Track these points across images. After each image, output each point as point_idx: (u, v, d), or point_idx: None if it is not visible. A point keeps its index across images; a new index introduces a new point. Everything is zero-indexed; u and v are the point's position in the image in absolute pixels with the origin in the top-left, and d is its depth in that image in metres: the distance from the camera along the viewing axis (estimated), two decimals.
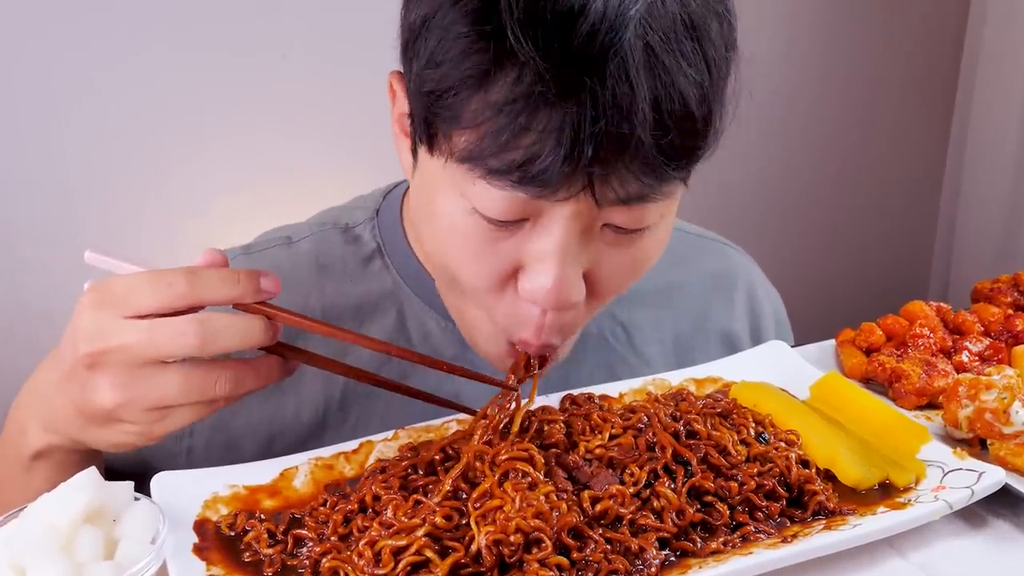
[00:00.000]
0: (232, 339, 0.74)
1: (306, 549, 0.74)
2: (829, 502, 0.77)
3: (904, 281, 3.07)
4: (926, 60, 2.87)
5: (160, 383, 0.73)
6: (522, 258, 0.81)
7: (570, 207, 0.77)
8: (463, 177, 0.77)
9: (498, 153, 0.73)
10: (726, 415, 0.87)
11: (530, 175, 0.73)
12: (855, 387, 0.95)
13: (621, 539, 0.71)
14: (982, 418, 0.84)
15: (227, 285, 0.75)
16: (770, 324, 1.22)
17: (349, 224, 1.08)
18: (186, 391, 0.74)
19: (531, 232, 0.79)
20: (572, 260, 0.79)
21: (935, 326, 1.02)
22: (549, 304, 0.80)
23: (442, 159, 0.78)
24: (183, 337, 0.72)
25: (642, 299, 1.12)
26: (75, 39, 1.89)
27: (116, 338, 0.72)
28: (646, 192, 0.77)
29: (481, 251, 0.81)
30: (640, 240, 0.83)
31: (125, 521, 0.68)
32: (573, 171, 0.73)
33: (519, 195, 0.75)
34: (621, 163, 0.74)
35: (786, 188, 2.83)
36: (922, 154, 2.99)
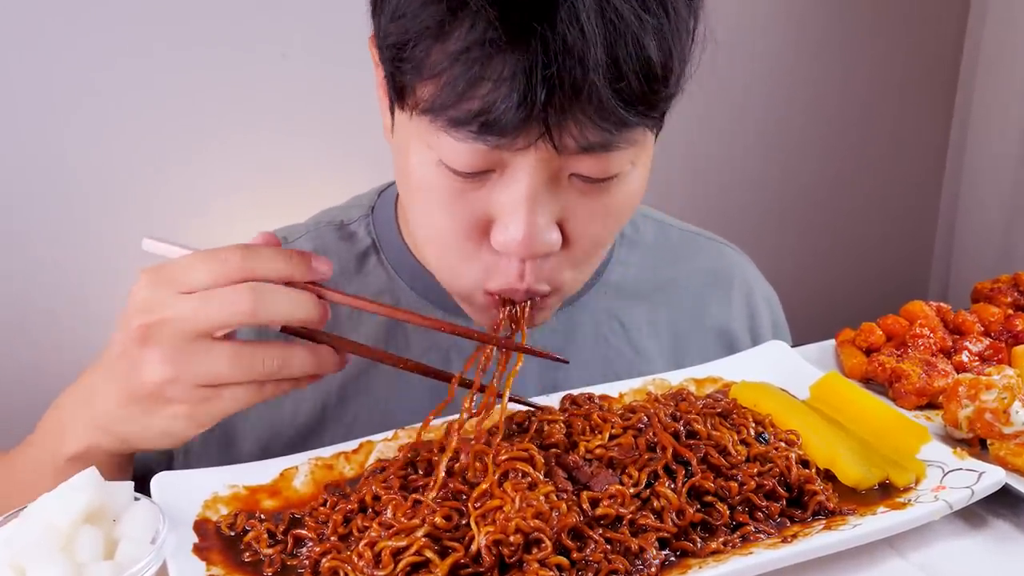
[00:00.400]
0: (284, 307, 0.75)
1: (306, 549, 0.74)
2: (829, 502, 0.77)
3: (904, 281, 3.08)
4: (926, 60, 2.87)
5: (210, 357, 0.74)
6: (492, 210, 0.82)
7: (532, 156, 0.78)
8: (428, 130, 0.79)
9: (456, 103, 0.75)
10: (726, 415, 0.87)
11: (487, 124, 0.75)
12: (855, 387, 0.95)
13: (621, 539, 0.71)
14: (982, 418, 0.84)
15: (280, 261, 0.76)
16: (766, 322, 1.23)
17: (344, 221, 1.10)
18: (235, 365, 0.74)
19: (498, 183, 0.81)
20: (542, 208, 0.81)
21: (935, 326, 1.02)
22: (523, 252, 0.82)
23: (409, 114, 0.81)
24: (235, 304, 0.73)
25: (639, 296, 1.13)
26: (74, 38, 1.90)
27: (170, 309, 0.74)
28: (608, 140, 0.78)
29: (452, 204, 0.83)
30: (611, 189, 0.84)
31: (125, 521, 0.68)
32: (528, 118, 0.74)
33: (480, 146, 0.77)
34: (578, 109, 0.75)
35: (786, 189, 2.83)
36: (922, 154, 2.99)
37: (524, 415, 0.88)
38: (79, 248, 1.99)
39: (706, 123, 2.49)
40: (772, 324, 1.23)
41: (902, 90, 2.87)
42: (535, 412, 0.88)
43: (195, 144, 2.06)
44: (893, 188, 2.98)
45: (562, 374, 1.06)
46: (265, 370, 0.76)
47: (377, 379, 1.03)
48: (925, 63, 2.87)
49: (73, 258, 1.99)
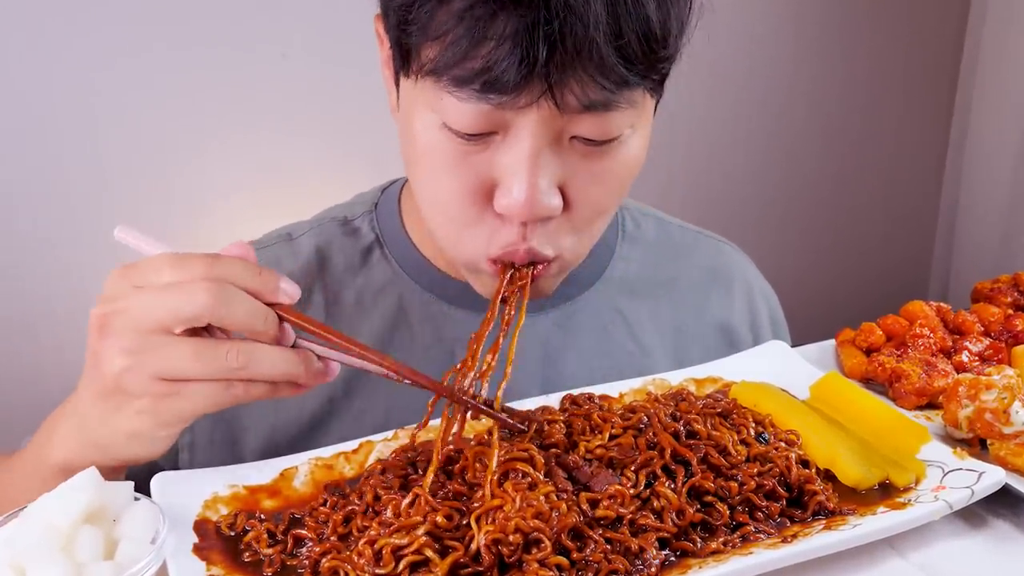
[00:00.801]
0: (243, 312, 0.73)
1: (306, 549, 0.74)
2: (829, 502, 0.77)
3: (904, 281, 3.08)
4: (926, 60, 2.87)
5: (168, 350, 0.72)
6: (495, 173, 0.84)
7: (534, 115, 0.80)
8: (432, 92, 0.81)
9: (459, 62, 0.77)
10: (726, 415, 0.87)
11: (490, 82, 0.77)
12: (855, 387, 0.95)
13: (621, 539, 0.71)
14: (982, 418, 0.84)
15: (248, 275, 0.74)
16: (766, 320, 1.23)
17: (348, 217, 1.10)
18: (195, 358, 0.72)
19: (501, 145, 0.82)
20: (544, 171, 0.82)
21: (935, 326, 1.02)
22: (525, 214, 0.83)
23: (414, 79, 0.83)
24: (192, 297, 0.71)
25: (641, 291, 1.14)
26: (74, 38, 1.90)
27: (127, 300, 0.72)
28: (608, 98, 0.80)
29: (455, 168, 0.84)
30: (612, 152, 0.85)
31: (125, 521, 0.68)
32: (530, 75, 0.76)
33: (483, 106, 0.79)
34: (579, 66, 0.77)
35: (786, 188, 2.83)
36: (922, 154, 2.99)
37: (524, 415, 0.88)
38: (78, 248, 1.99)
39: (706, 122, 2.50)
40: (771, 322, 1.24)
41: (902, 89, 2.87)
42: (536, 412, 0.87)
43: (195, 144, 2.06)
44: (893, 187, 2.98)
45: (564, 370, 1.06)
46: (229, 365, 0.72)
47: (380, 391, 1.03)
48: (925, 61, 2.87)
49: (73, 258, 1.99)
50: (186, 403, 0.74)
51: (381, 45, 0.93)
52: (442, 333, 1.05)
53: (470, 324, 1.02)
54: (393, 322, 1.05)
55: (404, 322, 1.05)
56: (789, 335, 1.28)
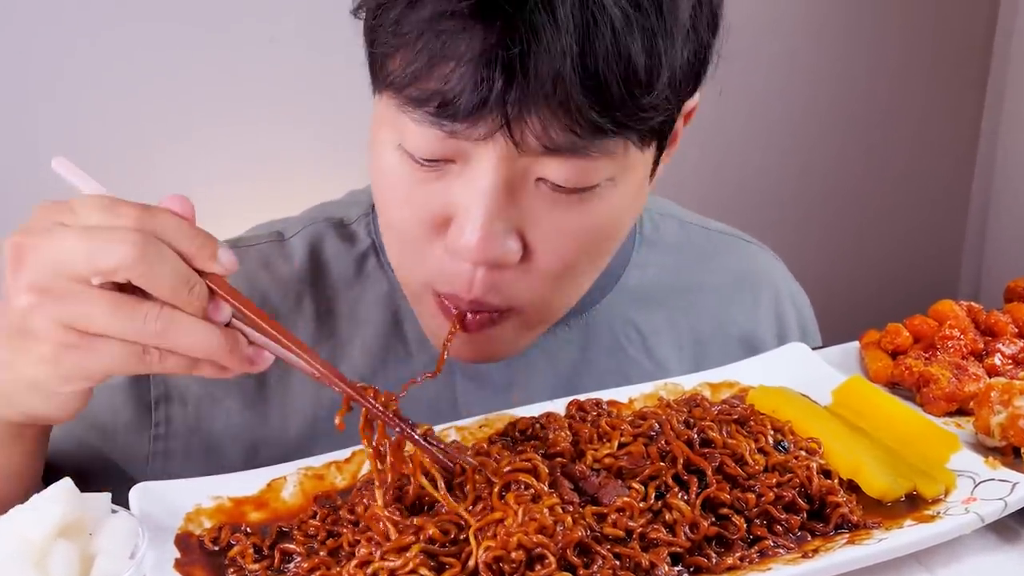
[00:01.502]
0: (169, 273, 0.68)
1: (293, 565, 0.74)
2: (853, 515, 0.77)
3: (932, 279, 3.07)
4: (956, 47, 2.86)
5: (81, 298, 0.67)
6: (450, 207, 0.82)
7: (493, 150, 0.77)
8: (393, 111, 0.79)
9: (416, 81, 0.76)
10: (743, 422, 0.86)
11: (444, 105, 0.75)
12: (880, 392, 0.95)
13: (631, 554, 0.71)
14: (1016, 425, 0.84)
15: (182, 234, 0.69)
16: (794, 327, 1.22)
17: (344, 220, 1.08)
18: (111, 312, 0.67)
19: (458, 177, 0.80)
20: (501, 211, 0.80)
21: (966, 327, 1.02)
22: (474, 258, 0.81)
23: (379, 95, 0.82)
24: (118, 246, 0.66)
25: (658, 301, 1.12)
26: (52, 23, 1.90)
27: (47, 235, 0.68)
28: (575, 144, 0.77)
29: (410, 193, 0.83)
30: (583, 204, 0.82)
31: (102, 535, 0.68)
32: (484, 104, 0.73)
33: (437, 131, 0.77)
34: (541, 103, 0.74)
35: (807, 182, 2.83)
36: (951, 144, 2.99)
37: (528, 422, 0.88)
38: None
39: (722, 115, 2.49)
40: (800, 329, 1.22)
41: (931, 77, 2.86)
42: (539, 419, 0.87)
43: (178, 132, 2.06)
44: (920, 180, 2.97)
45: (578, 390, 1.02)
46: (145, 328, 0.67)
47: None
48: (955, 49, 2.86)
49: None
50: (92, 359, 0.69)
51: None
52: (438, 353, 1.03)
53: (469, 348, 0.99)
54: (387, 339, 1.03)
55: (399, 339, 1.04)
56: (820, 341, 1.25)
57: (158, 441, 0.99)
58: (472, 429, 0.89)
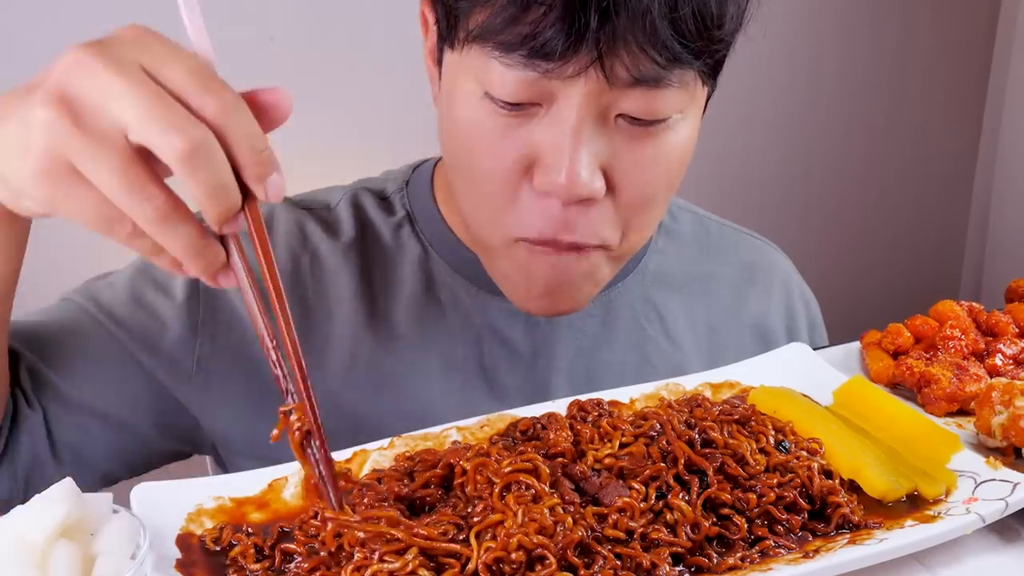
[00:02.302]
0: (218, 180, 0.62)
1: (294, 565, 0.74)
2: (854, 515, 0.77)
3: (934, 279, 3.07)
4: (957, 45, 2.86)
5: (104, 147, 0.61)
6: (535, 149, 0.86)
7: (580, 87, 0.82)
8: (478, 60, 0.84)
9: (507, 27, 0.80)
10: (744, 422, 0.87)
11: (537, 48, 0.79)
12: (881, 392, 0.95)
13: (632, 555, 0.71)
14: (1017, 425, 0.84)
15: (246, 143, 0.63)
16: (804, 323, 1.26)
17: (383, 192, 1.14)
18: (118, 176, 0.61)
19: (544, 119, 0.85)
20: (587, 148, 0.84)
21: (967, 327, 1.02)
22: (566, 194, 0.85)
23: (460, 49, 0.86)
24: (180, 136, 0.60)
25: (676, 287, 1.16)
26: (48, 18, 1.90)
27: (123, 74, 0.61)
28: (659, 73, 0.82)
29: (496, 140, 0.87)
30: (659, 136, 0.88)
31: (103, 535, 0.68)
32: (579, 42, 0.78)
33: (529, 73, 0.81)
34: (630, 36, 0.79)
35: (808, 180, 2.83)
36: (953, 143, 2.99)
37: (529, 422, 0.88)
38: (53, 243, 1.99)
39: (723, 113, 2.49)
40: (809, 326, 1.27)
41: (932, 78, 2.86)
42: (540, 419, 0.88)
43: None
44: (922, 180, 2.97)
45: (598, 361, 1.10)
46: (141, 212, 0.62)
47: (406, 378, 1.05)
48: (956, 47, 2.86)
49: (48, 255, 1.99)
50: (67, 199, 0.63)
51: (425, 34, 0.96)
52: (471, 319, 1.07)
53: (501, 311, 1.06)
54: (422, 299, 1.07)
55: (433, 301, 1.07)
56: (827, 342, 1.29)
57: (201, 361, 1.02)
58: (473, 429, 0.90)
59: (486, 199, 0.91)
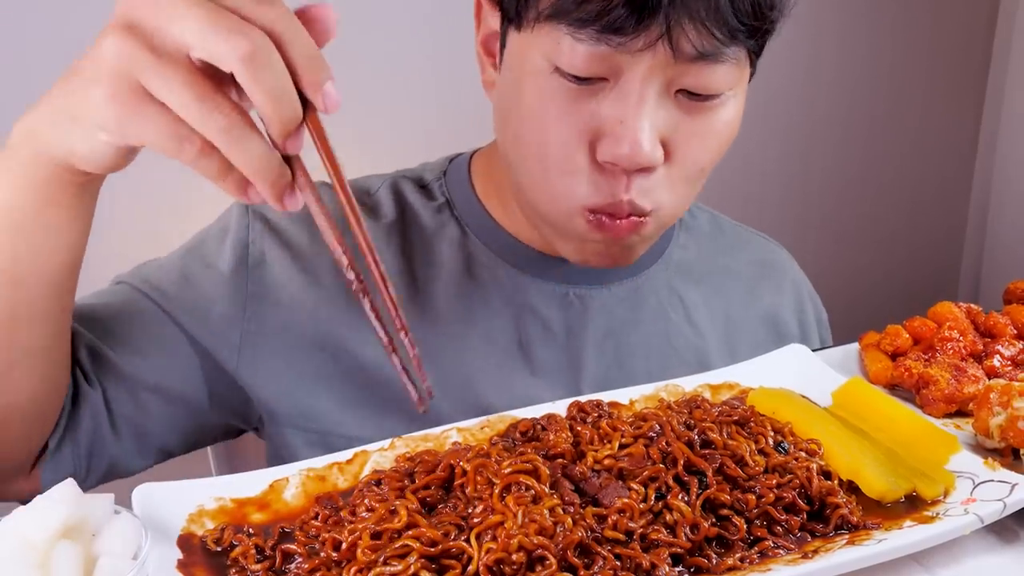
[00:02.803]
0: (274, 83, 0.64)
1: (294, 565, 0.74)
2: (852, 515, 0.77)
3: (932, 281, 3.07)
4: (955, 46, 2.86)
5: (169, 64, 0.64)
6: (602, 122, 0.92)
7: (647, 60, 0.88)
8: (549, 38, 0.90)
9: (581, 4, 0.86)
10: (743, 423, 0.87)
11: (610, 23, 0.86)
12: (880, 394, 0.95)
13: (631, 555, 0.71)
14: (1015, 426, 0.84)
15: (304, 48, 0.65)
16: (812, 318, 1.31)
17: (422, 180, 1.18)
18: (186, 90, 0.64)
19: (611, 93, 0.91)
20: (650, 121, 0.91)
21: (965, 329, 1.02)
22: (629, 162, 0.91)
23: (529, 28, 0.92)
24: (241, 39, 0.63)
25: (697, 277, 1.22)
26: (53, 23, 1.90)
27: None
28: (719, 49, 0.89)
29: (565, 112, 0.92)
30: (713, 111, 0.95)
31: (105, 536, 0.68)
32: (649, 16, 0.85)
33: (601, 48, 0.88)
34: (696, 11, 0.86)
35: (806, 181, 2.83)
36: (951, 145, 2.99)
37: (529, 423, 0.88)
38: None
39: None
40: (817, 323, 1.32)
41: (930, 77, 2.86)
42: (540, 420, 0.88)
43: None
44: (919, 182, 2.97)
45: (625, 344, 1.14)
46: (211, 122, 0.64)
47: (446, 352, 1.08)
48: (954, 49, 2.86)
49: None
50: (134, 120, 0.66)
51: (478, 25, 1.04)
52: (512, 298, 1.11)
53: (539, 291, 1.11)
54: (462, 281, 1.11)
55: (473, 282, 1.11)
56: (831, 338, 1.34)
57: (247, 336, 1.05)
58: (473, 430, 0.90)
59: (550, 170, 0.96)
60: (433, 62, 2.13)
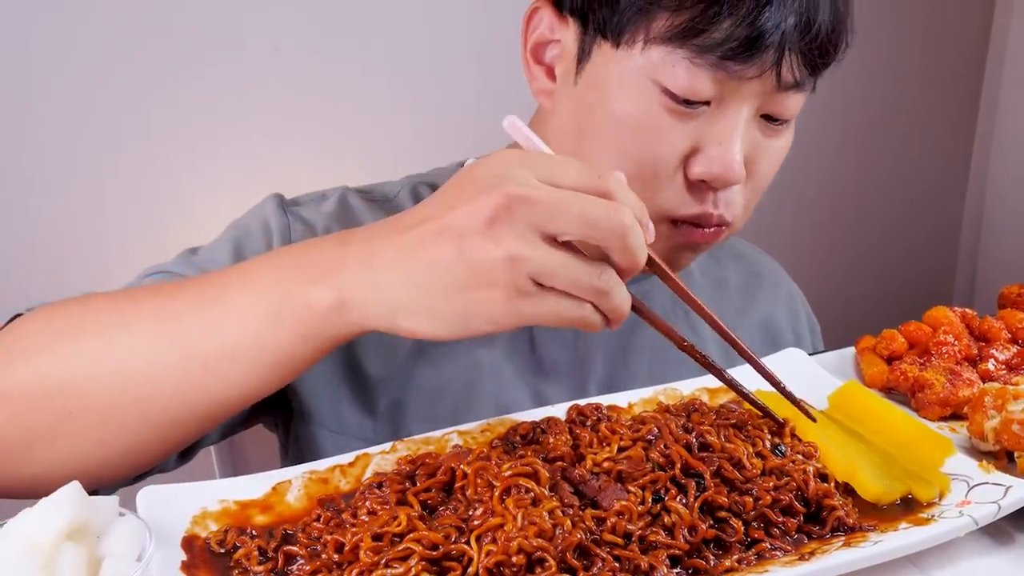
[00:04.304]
0: (639, 244, 0.73)
1: (296, 567, 0.74)
2: (848, 518, 0.77)
3: (927, 285, 3.07)
4: (950, 52, 2.86)
5: (550, 253, 0.71)
6: (700, 141, 0.96)
7: (750, 89, 0.94)
8: (661, 60, 0.93)
9: (701, 32, 0.90)
10: (740, 426, 0.87)
11: (730, 51, 0.90)
12: (876, 397, 0.95)
13: (630, 557, 0.71)
14: (1009, 429, 0.84)
15: (638, 204, 0.75)
16: (805, 326, 1.33)
17: (436, 184, 1.18)
18: (569, 266, 0.71)
19: (711, 115, 0.96)
20: (741, 142, 0.96)
21: (960, 333, 1.02)
22: (723, 180, 0.96)
23: (635, 47, 0.94)
24: (614, 215, 0.71)
25: (697, 285, 1.24)
26: (58, 31, 1.90)
27: (539, 191, 0.71)
28: (805, 80, 0.96)
29: (667, 132, 0.96)
30: (781, 136, 1.02)
31: (110, 538, 0.68)
32: (764, 47, 0.90)
33: (718, 73, 0.92)
34: (802, 45, 0.92)
35: (802, 187, 2.83)
36: (946, 151, 2.99)
37: (529, 426, 0.88)
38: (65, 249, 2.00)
39: None
40: (811, 332, 1.34)
41: (925, 83, 2.87)
42: (540, 423, 0.88)
43: (183, 141, 2.06)
44: (915, 187, 2.97)
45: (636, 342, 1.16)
46: (596, 286, 0.72)
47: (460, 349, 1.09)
48: (949, 55, 2.87)
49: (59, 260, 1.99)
50: (539, 307, 0.73)
51: (527, 34, 1.05)
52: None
53: None
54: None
55: None
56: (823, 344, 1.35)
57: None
58: (474, 433, 0.90)
59: (638, 182, 0.96)
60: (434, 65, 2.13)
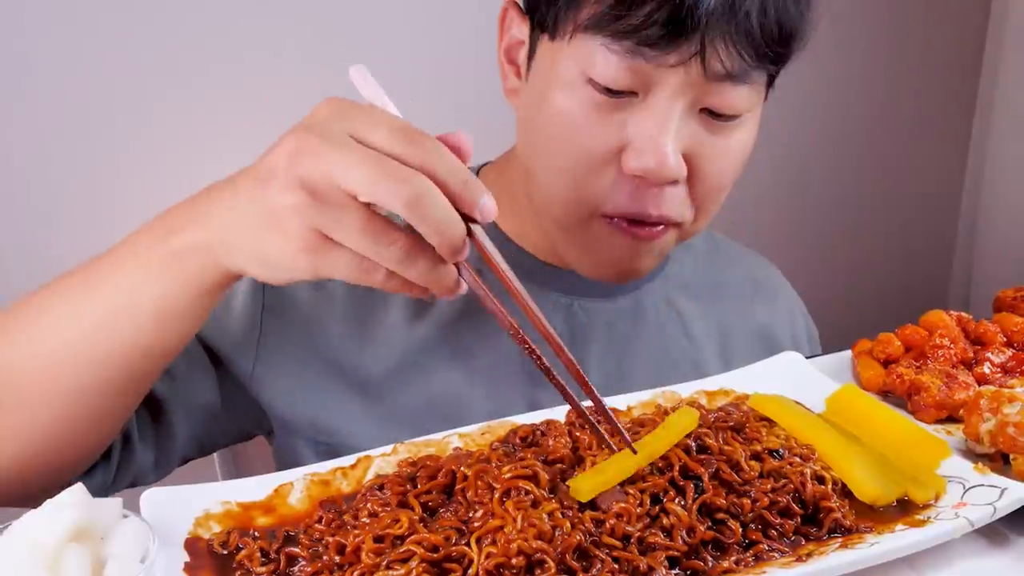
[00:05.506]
0: (442, 216, 0.68)
1: (298, 568, 0.74)
2: (845, 519, 0.77)
3: (923, 289, 3.07)
4: (946, 57, 2.87)
5: (345, 212, 0.69)
6: (630, 134, 0.94)
7: (679, 77, 0.91)
8: (584, 49, 0.92)
9: (620, 18, 0.88)
10: (738, 429, 0.87)
11: (646, 37, 0.88)
12: (872, 400, 0.95)
13: (629, 558, 0.71)
14: (1004, 432, 0.84)
15: (456, 178, 0.70)
16: (803, 334, 1.32)
17: None
18: (363, 230, 0.69)
19: (639, 107, 0.93)
20: (675, 136, 0.93)
21: (955, 336, 1.02)
22: (654, 176, 0.93)
23: (563, 38, 0.94)
24: (405, 185, 0.67)
25: (695, 292, 1.23)
26: (58, 34, 1.90)
27: (334, 144, 0.68)
28: (745, 71, 0.92)
29: (594, 123, 0.94)
30: (731, 132, 0.98)
31: (113, 539, 0.68)
32: (684, 33, 0.87)
33: (636, 61, 0.90)
34: (729, 33, 0.89)
35: (798, 191, 2.83)
36: (941, 153, 2.99)
37: (529, 429, 0.88)
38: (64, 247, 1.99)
39: None
40: (808, 339, 1.34)
41: (920, 86, 2.86)
42: (539, 426, 0.88)
43: (183, 146, 2.06)
44: (910, 191, 2.97)
45: (629, 356, 1.15)
46: (388, 255, 0.69)
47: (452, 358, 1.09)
48: (945, 59, 2.87)
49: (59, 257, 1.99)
50: (325, 263, 0.71)
51: (503, 34, 1.05)
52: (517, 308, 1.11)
53: (544, 301, 1.12)
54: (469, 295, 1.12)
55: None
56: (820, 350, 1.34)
57: (263, 348, 1.05)
58: (474, 436, 0.90)
59: (574, 177, 0.97)
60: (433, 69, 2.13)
